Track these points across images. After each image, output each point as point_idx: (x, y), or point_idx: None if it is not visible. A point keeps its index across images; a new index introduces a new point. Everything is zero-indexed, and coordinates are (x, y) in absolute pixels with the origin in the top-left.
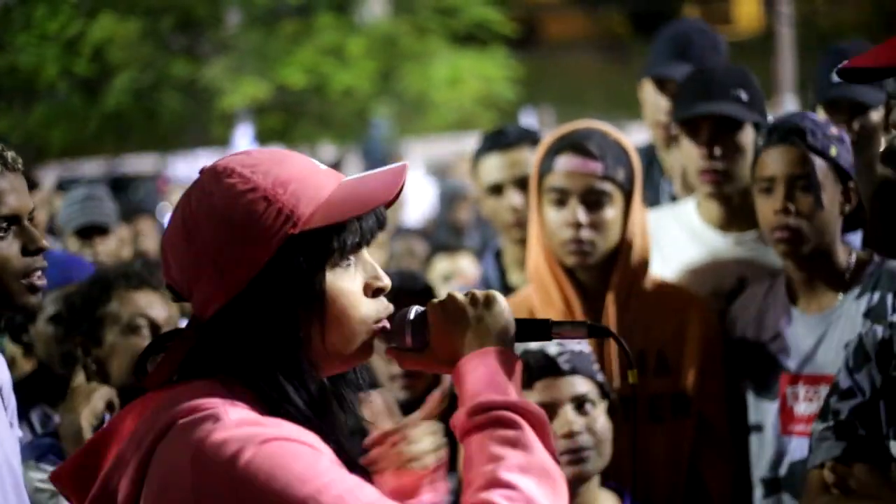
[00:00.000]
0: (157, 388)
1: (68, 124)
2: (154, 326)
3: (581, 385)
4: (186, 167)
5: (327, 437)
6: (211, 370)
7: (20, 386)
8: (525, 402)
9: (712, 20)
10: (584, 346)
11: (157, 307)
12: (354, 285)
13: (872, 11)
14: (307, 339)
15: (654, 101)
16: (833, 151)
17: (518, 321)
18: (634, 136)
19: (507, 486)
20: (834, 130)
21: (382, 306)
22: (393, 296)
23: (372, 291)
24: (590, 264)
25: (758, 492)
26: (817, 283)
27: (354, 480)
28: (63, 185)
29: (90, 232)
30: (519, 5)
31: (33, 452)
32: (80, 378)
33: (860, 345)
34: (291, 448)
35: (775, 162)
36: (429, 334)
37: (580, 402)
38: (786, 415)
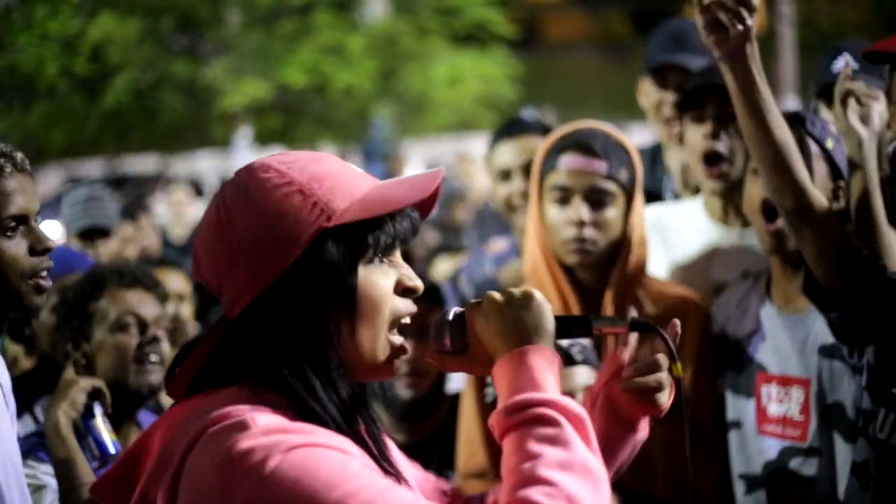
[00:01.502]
0: (186, 398)
1: (68, 124)
2: (142, 325)
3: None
4: (187, 167)
5: (357, 439)
6: (240, 373)
7: (24, 379)
8: (565, 400)
9: None
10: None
11: (147, 306)
12: (387, 282)
13: (873, 11)
14: (337, 335)
15: (657, 96)
16: (829, 144)
17: (557, 318)
18: (635, 137)
19: (546, 482)
20: (832, 128)
21: (409, 306)
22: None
23: (403, 290)
24: (590, 263)
25: (739, 488)
26: (797, 284)
27: (384, 483)
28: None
29: (92, 233)
30: (519, 6)
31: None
32: (69, 373)
33: None
34: (318, 454)
35: None
36: (468, 336)
37: None
38: (761, 414)
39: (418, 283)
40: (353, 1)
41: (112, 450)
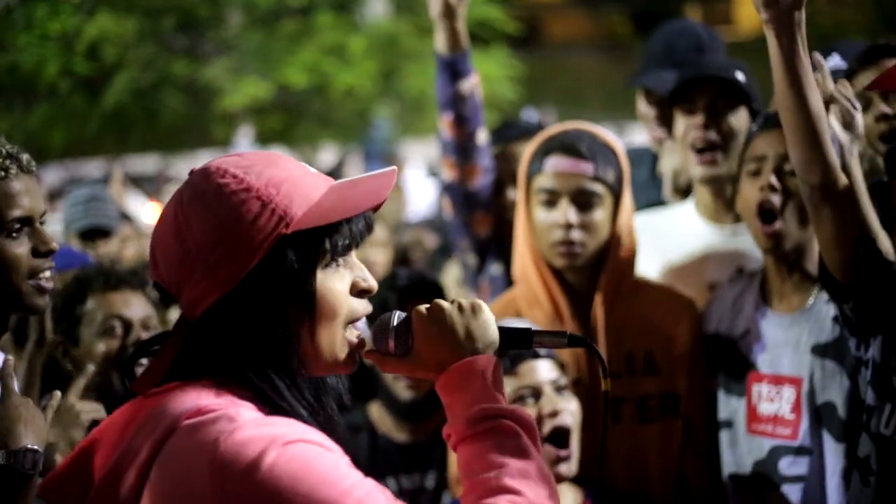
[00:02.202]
0: (146, 394)
1: (69, 124)
2: (127, 327)
3: (554, 369)
4: (187, 167)
5: (330, 435)
6: (201, 371)
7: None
8: (520, 410)
9: (713, 21)
10: None
11: (133, 307)
12: (342, 285)
13: (873, 11)
14: (297, 338)
15: (644, 110)
16: None
17: (501, 330)
18: (635, 137)
19: (511, 491)
20: None
21: (364, 307)
22: (402, 295)
23: (357, 291)
24: (579, 265)
25: (729, 486)
26: (790, 284)
27: (371, 483)
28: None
29: (93, 234)
30: (520, 5)
31: None
32: (71, 398)
33: None
34: (313, 450)
35: (768, 143)
36: (412, 340)
37: (557, 386)
38: (751, 413)
39: (372, 284)
40: (354, 1)
41: None
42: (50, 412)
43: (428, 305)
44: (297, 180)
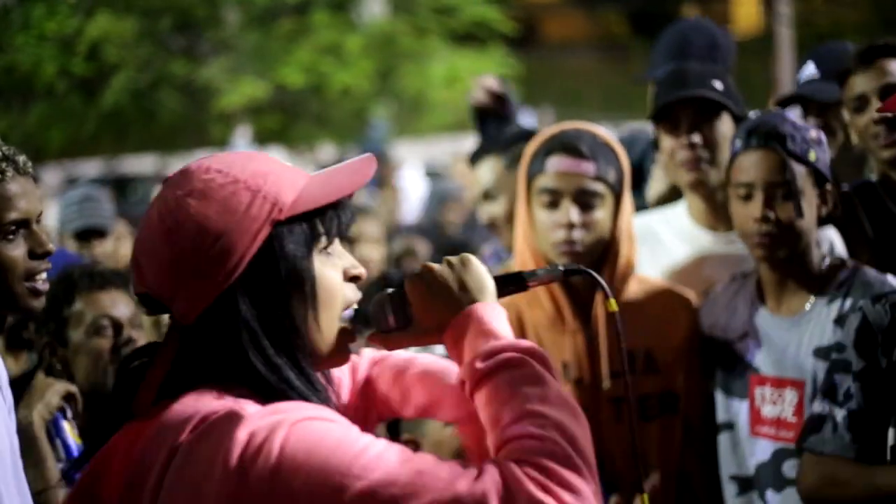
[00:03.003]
0: (144, 415)
1: (66, 124)
2: (117, 327)
3: None
4: None
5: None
6: (198, 378)
7: (19, 383)
8: (524, 342)
9: (712, 21)
10: None
11: (120, 307)
12: (336, 271)
13: (871, 12)
14: (304, 324)
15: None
16: (812, 156)
17: (495, 277)
18: None
19: (535, 415)
20: (813, 133)
21: (355, 292)
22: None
23: (349, 278)
24: (580, 264)
25: (731, 489)
26: (789, 286)
27: (383, 442)
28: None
29: (88, 234)
30: (518, 5)
31: None
32: (41, 375)
33: (865, 323)
34: (318, 425)
35: (754, 168)
36: (410, 309)
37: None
38: (754, 415)
39: (362, 271)
40: (351, 1)
41: (77, 453)
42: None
43: (418, 271)
44: (279, 171)
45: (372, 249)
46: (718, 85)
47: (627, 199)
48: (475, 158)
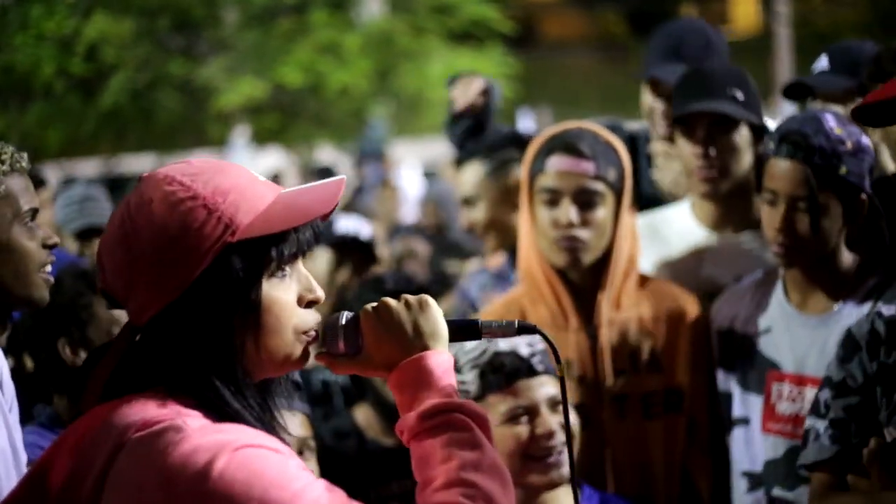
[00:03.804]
0: (95, 406)
1: (65, 124)
2: None
3: (551, 385)
4: None
5: (278, 437)
6: (148, 379)
7: (23, 383)
8: (471, 404)
9: (710, 20)
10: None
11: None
12: (289, 296)
13: (870, 11)
14: (241, 347)
15: (649, 103)
16: (843, 170)
17: (449, 323)
18: None
19: (466, 484)
20: (849, 144)
21: (313, 317)
22: (390, 297)
23: (305, 303)
24: (581, 264)
25: (742, 484)
26: (815, 286)
27: (323, 482)
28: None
29: (89, 233)
30: (516, 4)
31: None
32: None
33: (850, 336)
34: (262, 454)
35: (780, 177)
36: (362, 339)
37: (553, 402)
38: (768, 412)
39: (319, 294)
40: (349, 0)
41: None
42: None
43: (375, 304)
44: (243, 189)
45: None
46: (739, 94)
47: (628, 198)
48: (460, 162)
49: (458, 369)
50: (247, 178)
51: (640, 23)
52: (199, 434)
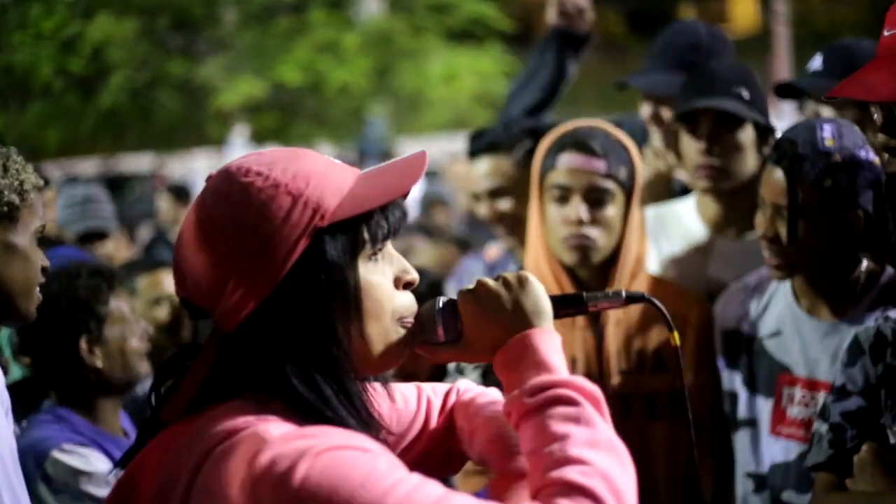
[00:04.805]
0: (179, 419)
1: (63, 123)
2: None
3: None
4: (182, 166)
5: (375, 435)
6: (235, 387)
7: (20, 387)
8: (579, 379)
9: (708, 19)
10: None
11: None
12: (386, 278)
13: (869, 10)
14: (346, 337)
15: (644, 110)
16: (827, 183)
17: (552, 298)
18: None
19: (578, 461)
20: (837, 157)
21: (410, 300)
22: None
23: (403, 284)
24: (590, 262)
25: (747, 485)
26: (825, 292)
27: (417, 477)
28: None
29: (90, 236)
30: (515, 3)
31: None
32: None
33: (855, 341)
34: (346, 455)
35: (767, 184)
36: (461, 324)
37: None
38: (777, 415)
39: (415, 276)
40: None
41: None
42: None
43: (472, 286)
44: (323, 172)
45: None
46: (745, 93)
47: (638, 197)
48: (475, 153)
49: (461, 370)
50: (324, 161)
51: (639, 22)
52: (281, 441)
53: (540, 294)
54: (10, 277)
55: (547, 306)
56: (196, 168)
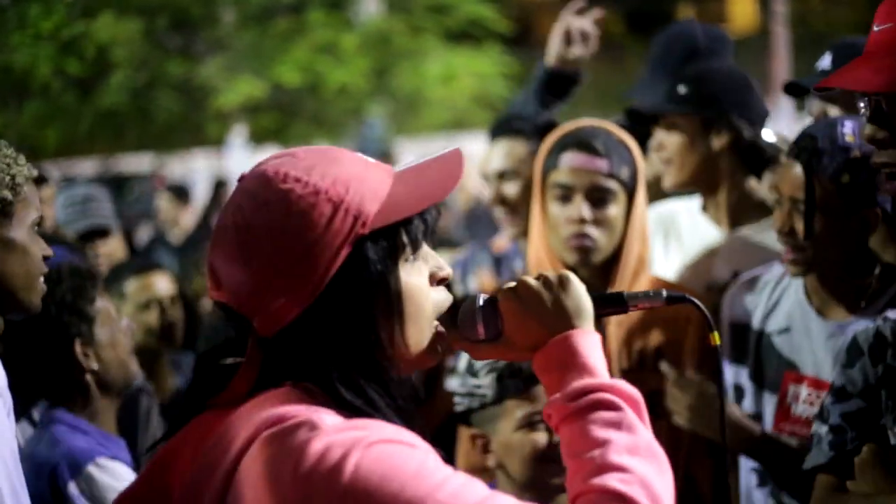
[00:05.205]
0: (213, 409)
1: (62, 123)
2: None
3: None
4: (181, 166)
5: (421, 434)
6: (280, 381)
7: (20, 382)
8: (622, 384)
9: (707, 19)
10: None
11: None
12: (423, 279)
13: (867, 10)
14: (389, 340)
15: None
16: (845, 178)
17: (593, 296)
18: None
19: (619, 468)
20: (857, 153)
21: (446, 296)
22: None
23: (437, 281)
24: (592, 262)
25: (752, 480)
26: (837, 293)
27: (464, 476)
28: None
29: (91, 234)
30: (513, 4)
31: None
32: None
33: (854, 342)
34: (398, 449)
35: (784, 179)
36: (501, 322)
37: None
38: (782, 412)
39: (449, 271)
40: None
41: None
42: None
43: (513, 284)
44: (362, 176)
45: None
46: (682, 89)
47: (641, 197)
48: (497, 133)
49: (474, 373)
50: (360, 163)
51: (638, 22)
52: (334, 430)
53: (581, 294)
54: (9, 272)
55: (588, 307)
56: (195, 168)
